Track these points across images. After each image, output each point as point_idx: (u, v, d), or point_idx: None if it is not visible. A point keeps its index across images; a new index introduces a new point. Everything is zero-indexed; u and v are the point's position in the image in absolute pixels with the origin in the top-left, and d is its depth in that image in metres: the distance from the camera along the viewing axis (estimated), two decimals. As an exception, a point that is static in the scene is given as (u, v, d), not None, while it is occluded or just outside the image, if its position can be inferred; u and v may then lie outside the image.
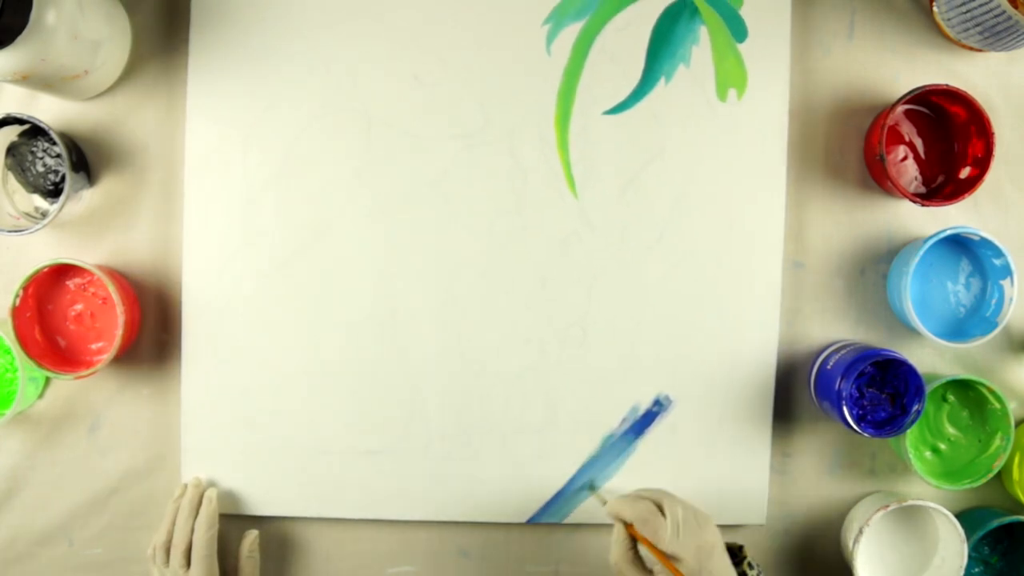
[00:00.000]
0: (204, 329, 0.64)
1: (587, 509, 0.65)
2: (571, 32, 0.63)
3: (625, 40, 0.63)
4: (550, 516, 0.65)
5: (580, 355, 0.64)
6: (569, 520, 0.64)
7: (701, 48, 0.63)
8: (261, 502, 0.65)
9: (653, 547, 0.53)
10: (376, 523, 0.65)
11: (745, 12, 0.63)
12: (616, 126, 0.64)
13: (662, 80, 0.63)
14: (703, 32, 0.63)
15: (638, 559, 0.54)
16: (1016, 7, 0.55)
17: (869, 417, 0.60)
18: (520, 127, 0.64)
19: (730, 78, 0.63)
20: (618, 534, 0.55)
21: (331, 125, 0.64)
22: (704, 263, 0.64)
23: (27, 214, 0.63)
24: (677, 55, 0.63)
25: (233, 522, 0.65)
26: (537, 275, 0.64)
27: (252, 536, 0.63)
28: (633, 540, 0.54)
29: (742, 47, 0.63)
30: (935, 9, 0.63)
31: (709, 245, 0.64)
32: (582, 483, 0.64)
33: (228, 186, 0.64)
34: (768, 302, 0.64)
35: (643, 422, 0.64)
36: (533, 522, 0.65)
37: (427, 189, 0.64)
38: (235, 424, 0.64)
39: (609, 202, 0.64)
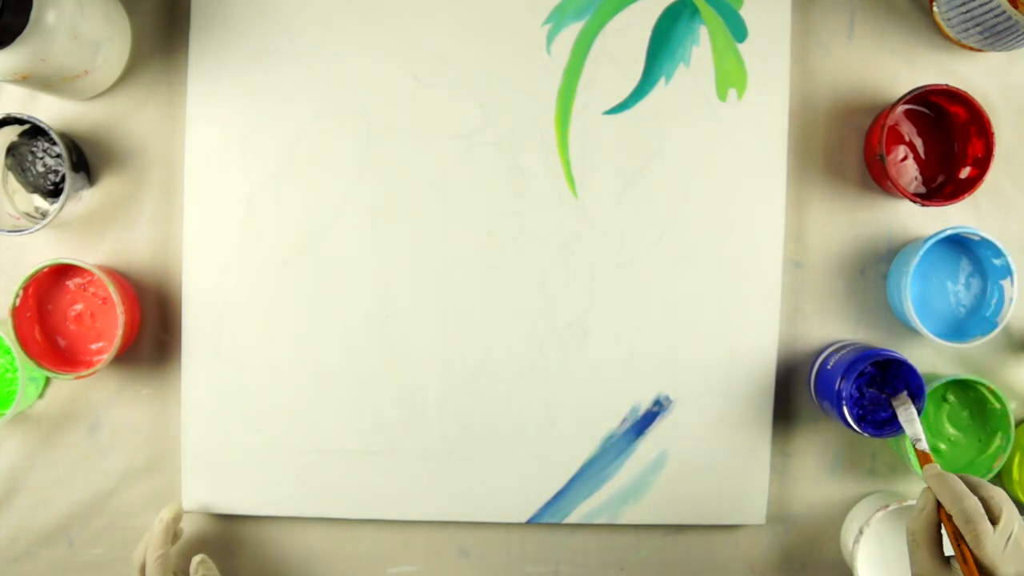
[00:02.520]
0: (204, 329, 0.64)
1: (586, 509, 0.64)
2: (571, 32, 0.63)
3: (625, 40, 0.63)
4: (550, 516, 0.65)
5: (580, 355, 0.64)
6: (569, 520, 0.64)
7: (701, 48, 0.63)
8: (261, 502, 0.64)
9: (966, 552, 0.47)
10: (376, 523, 0.65)
11: (745, 12, 0.63)
12: (616, 126, 0.64)
13: (662, 80, 0.63)
14: (703, 32, 0.63)
15: (938, 539, 0.49)
16: (1016, 7, 0.55)
17: (869, 417, 0.60)
18: (520, 127, 0.64)
19: (730, 78, 0.63)
20: (927, 505, 0.49)
21: (331, 125, 0.64)
22: (704, 263, 0.64)
23: (27, 214, 0.63)
24: (677, 55, 0.63)
25: (233, 522, 0.65)
26: (537, 275, 0.64)
27: (198, 558, 0.61)
28: (939, 516, 0.49)
29: (742, 47, 0.63)
30: (935, 9, 0.63)
31: (709, 245, 0.64)
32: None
33: (228, 186, 0.63)
34: (768, 302, 0.64)
35: (643, 422, 0.64)
36: (533, 522, 0.65)
37: (427, 189, 0.64)
38: (235, 424, 0.64)
39: (609, 202, 0.64)
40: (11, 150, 0.63)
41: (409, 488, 0.64)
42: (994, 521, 0.47)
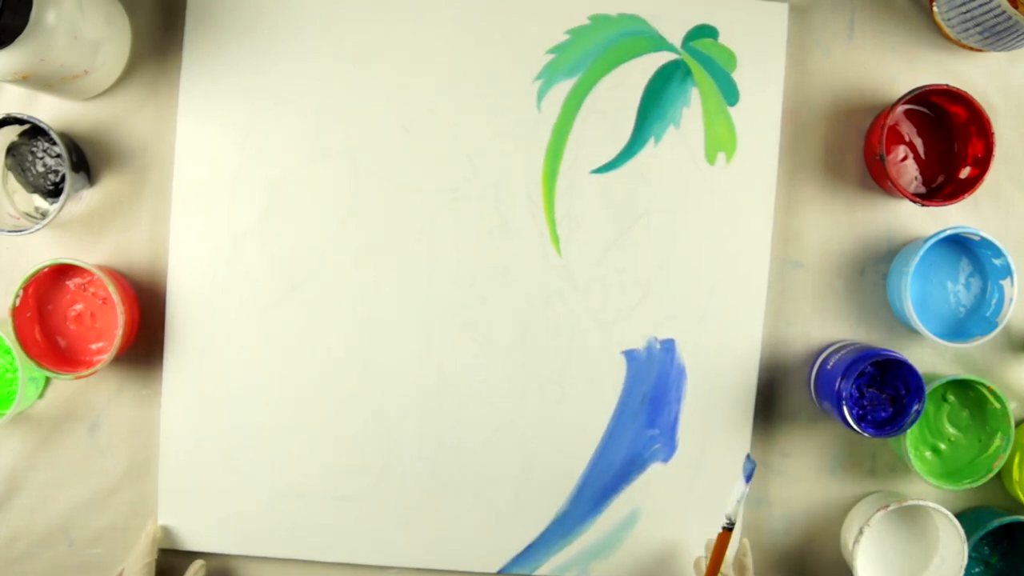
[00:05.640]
0: (185, 369, 0.63)
1: (558, 562, 0.64)
2: (562, 89, 0.63)
3: (616, 99, 0.63)
4: (522, 567, 0.64)
5: (557, 410, 0.64)
6: (540, 572, 0.64)
7: (692, 110, 0.63)
8: (234, 541, 0.64)
9: None
10: (352, 566, 0.65)
11: (738, 76, 0.63)
12: (603, 185, 0.63)
13: (651, 141, 0.63)
14: (695, 94, 0.63)
15: None
16: (1016, 7, 0.55)
17: (869, 417, 0.60)
18: (507, 182, 0.63)
19: (720, 141, 0.63)
20: None
21: (318, 171, 0.63)
22: (686, 325, 0.64)
23: (27, 214, 0.63)
24: (668, 116, 0.63)
25: (212, 559, 0.65)
26: (517, 330, 0.64)
27: (198, 565, 0.63)
28: None
29: (733, 111, 0.63)
30: (935, 9, 0.63)
31: (692, 307, 0.64)
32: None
33: (213, 229, 0.63)
34: (749, 360, 0.64)
35: (617, 479, 0.64)
36: (504, 572, 0.64)
37: (411, 239, 0.63)
38: (212, 463, 0.64)
39: (592, 261, 0.63)
40: (11, 150, 0.63)
41: (382, 534, 0.64)
42: None
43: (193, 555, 0.65)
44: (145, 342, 0.64)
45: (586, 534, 0.64)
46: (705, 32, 0.63)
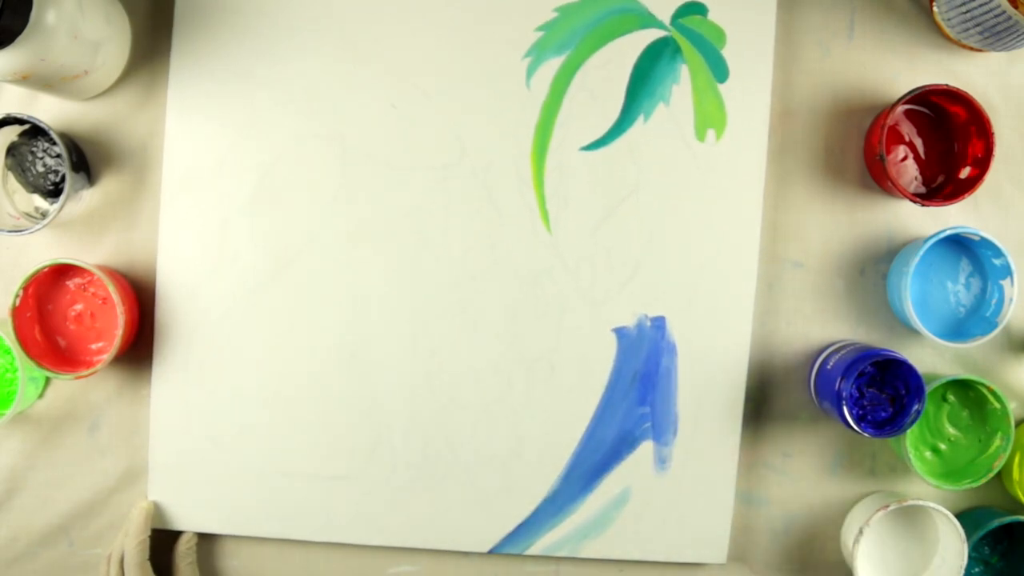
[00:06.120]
0: (175, 349, 0.63)
1: (549, 542, 0.64)
2: (551, 66, 0.63)
3: (605, 76, 0.63)
4: (513, 546, 0.64)
5: (547, 389, 0.64)
6: (531, 552, 0.64)
7: (681, 87, 0.63)
8: (225, 521, 0.64)
9: None
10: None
11: (727, 52, 0.63)
12: (593, 163, 0.63)
13: (641, 118, 0.63)
14: (684, 71, 0.63)
15: None
16: (1016, 7, 0.55)
17: (869, 417, 0.60)
18: (496, 160, 0.63)
19: (710, 119, 0.63)
20: None
21: (307, 151, 0.63)
22: (677, 302, 0.63)
23: (27, 214, 0.63)
24: (657, 93, 0.63)
25: (201, 539, 0.66)
26: (508, 308, 0.63)
27: (188, 536, 0.64)
28: None
29: (723, 88, 0.63)
30: (935, 9, 0.63)
31: (682, 285, 0.63)
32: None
33: (202, 209, 0.63)
34: (738, 337, 0.63)
35: (608, 459, 0.64)
36: (495, 552, 0.64)
37: (401, 219, 0.63)
38: (202, 444, 0.64)
39: (582, 239, 0.63)
40: (11, 150, 0.63)
41: (372, 514, 0.64)
42: None
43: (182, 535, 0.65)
44: (145, 342, 0.64)
45: (577, 513, 0.64)
46: (694, 9, 0.63)
